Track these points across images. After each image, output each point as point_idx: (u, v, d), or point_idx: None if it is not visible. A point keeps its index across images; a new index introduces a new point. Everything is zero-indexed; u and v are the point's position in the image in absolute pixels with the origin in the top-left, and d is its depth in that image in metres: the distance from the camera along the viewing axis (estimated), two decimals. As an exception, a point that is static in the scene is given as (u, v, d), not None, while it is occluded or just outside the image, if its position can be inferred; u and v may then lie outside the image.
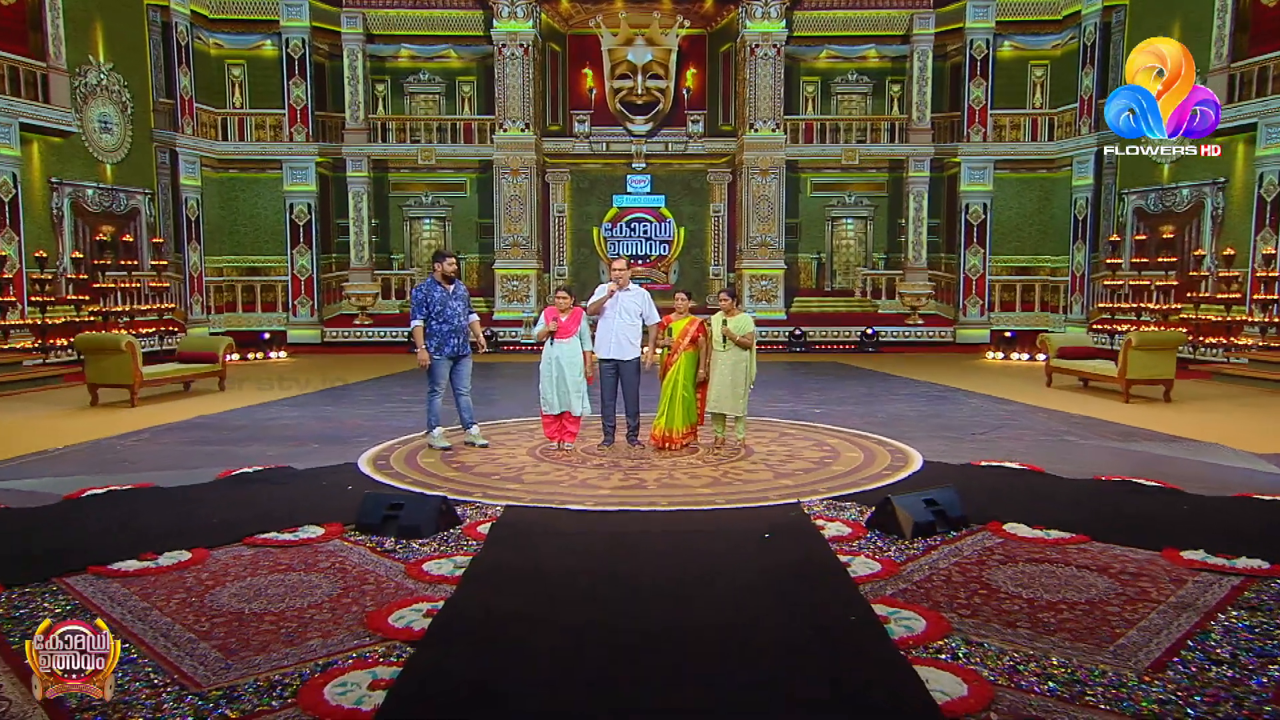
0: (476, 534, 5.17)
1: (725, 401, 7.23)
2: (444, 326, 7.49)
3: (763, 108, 18.28)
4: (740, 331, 7.25)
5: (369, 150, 18.66)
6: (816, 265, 19.38)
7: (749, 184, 18.45)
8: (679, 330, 7.37)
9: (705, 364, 7.21)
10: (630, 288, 7.53)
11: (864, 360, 16.35)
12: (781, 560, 4.58)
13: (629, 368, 7.45)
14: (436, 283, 7.47)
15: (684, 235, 19.41)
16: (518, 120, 18.27)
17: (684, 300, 7.53)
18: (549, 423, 7.41)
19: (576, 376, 7.29)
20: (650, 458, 7.08)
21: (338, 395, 11.39)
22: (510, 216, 18.37)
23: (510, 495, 6.05)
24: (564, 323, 7.39)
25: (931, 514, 5.16)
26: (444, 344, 7.51)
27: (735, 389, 7.17)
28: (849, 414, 9.51)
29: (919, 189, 18.67)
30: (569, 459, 7.06)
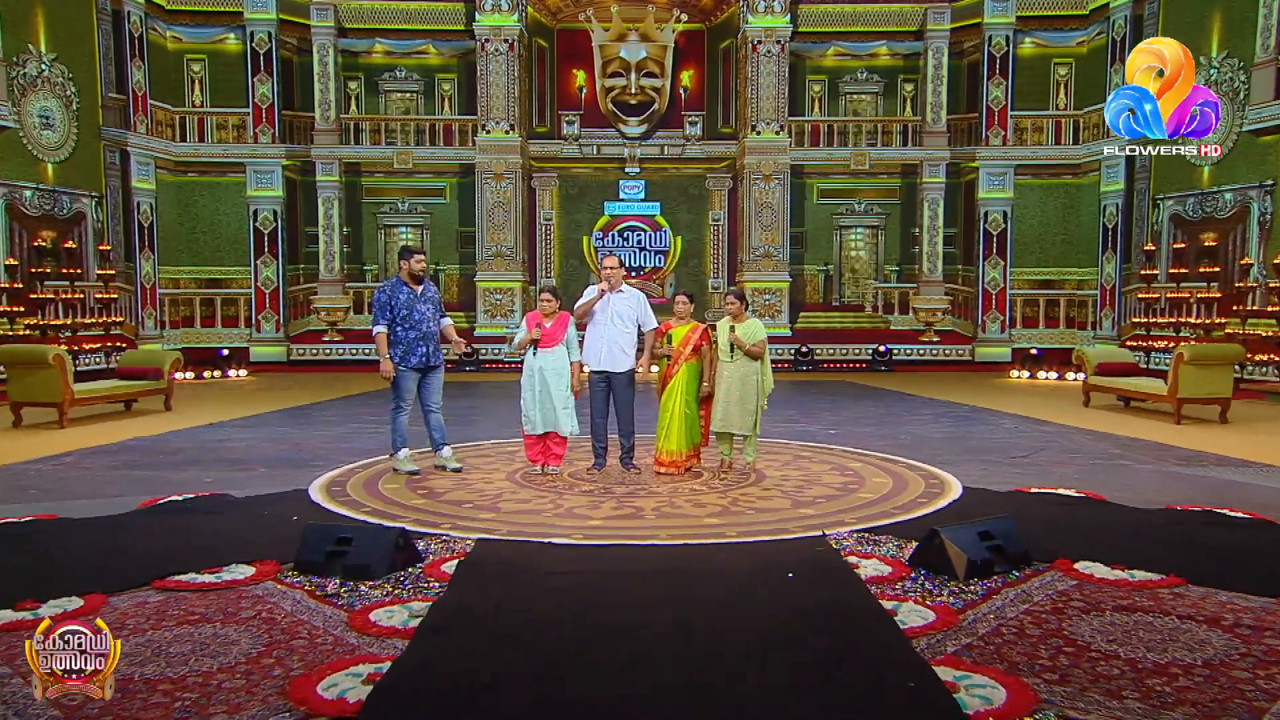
0: (440, 574, 4.52)
1: (733, 419, 6.78)
2: (411, 333, 6.95)
3: (765, 108, 17.94)
4: (750, 339, 6.81)
5: (340, 153, 18.23)
6: (824, 278, 19.09)
7: (751, 190, 18.07)
8: (680, 338, 6.92)
9: (710, 377, 6.81)
10: (624, 289, 7.07)
11: (877, 379, 16.05)
12: (809, 606, 3.93)
13: (622, 381, 7.01)
14: (403, 283, 6.96)
15: (681, 245, 19.12)
16: (501, 121, 17.93)
17: (685, 303, 7.07)
18: (531, 444, 6.97)
19: (563, 391, 6.87)
20: (648, 483, 6.65)
21: (298, 415, 10.99)
22: (493, 225, 18.04)
23: (484, 527, 5.48)
24: (548, 329, 6.94)
25: (988, 549, 4.50)
26: (410, 352, 6.96)
27: (745, 405, 6.76)
28: (868, 435, 9.16)
29: (934, 196, 18.31)
30: (554, 484, 6.62)
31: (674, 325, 7.01)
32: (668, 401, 6.87)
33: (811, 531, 5.36)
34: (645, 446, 7.58)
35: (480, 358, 17.77)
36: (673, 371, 6.86)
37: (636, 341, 7.07)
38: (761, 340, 6.85)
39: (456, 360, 17.22)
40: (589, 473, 6.96)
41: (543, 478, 6.82)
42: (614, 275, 7.01)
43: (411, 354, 6.97)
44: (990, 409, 11.54)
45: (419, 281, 6.99)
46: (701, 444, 6.97)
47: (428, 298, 7.02)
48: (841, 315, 18.86)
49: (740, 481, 6.71)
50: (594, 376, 7.02)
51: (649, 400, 7.99)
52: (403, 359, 6.91)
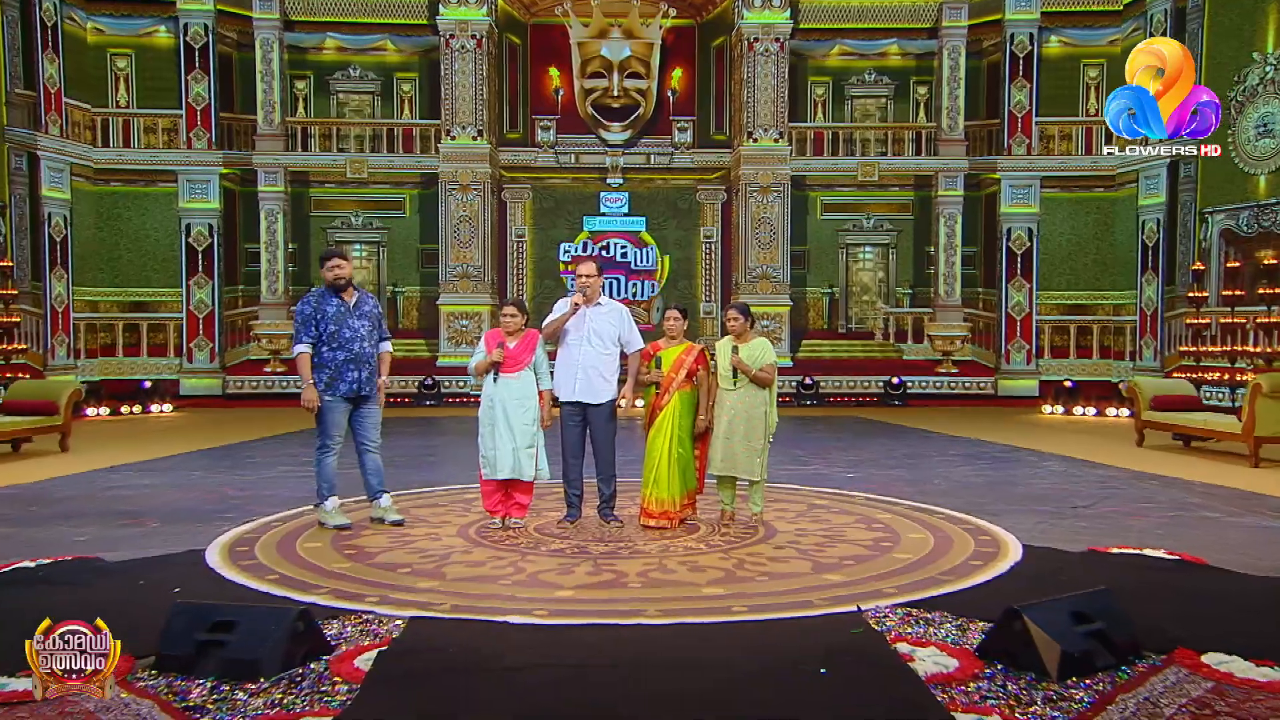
0: (351, 671, 3.60)
1: (737, 460, 6.17)
2: (339, 354, 6.20)
3: (763, 113, 17.84)
4: (757, 362, 6.20)
5: (286, 160, 17.93)
6: (828, 302, 19.01)
7: (747, 204, 17.95)
8: (671, 361, 6.28)
9: (707, 408, 6.24)
10: (603, 302, 6.41)
11: (891, 414, 15.66)
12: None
13: (601, 414, 6.32)
14: (331, 292, 6.20)
15: (669, 265, 19.06)
16: (468, 126, 17.74)
17: (678, 320, 6.42)
18: (490, 491, 6.25)
19: (528, 426, 6.18)
20: (632, 540, 5.91)
21: (220, 457, 10.36)
22: (459, 242, 17.79)
23: (421, 600, 4.65)
24: (511, 350, 6.24)
25: (1085, 636, 3.63)
26: (338, 378, 6.20)
27: (750, 442, 6.16)
28: (893, 479, 8.58)
29: (951, 211, 18.13)
30: (516, 542, 5.87)
31: (664, 346, 6.38)
32: (656, 439, 6.26)
33: (843, 605, 4.53)
34: (629, 494, 7.00)
35: (443, 390, 17.43)
36: (662, 403, 6.26)
37: (618, 366, 6.43)
38: (770, 364, 6.26)
39: (415, 393, 16.93)
40: (560, 526, 6.27)
41: (502, 533, 6.11)
42: (590, 285, 6.33)
43: (340, 380, 6.21)
44: (1028, 449, 11.07)
45: (348, 290, 6.22)
46: (697, 491, 6.35)
47: (363, 312, 6.29)
48: (849, 343, 18.77)
49: (746, 538, 6.00)
50: (566, 409, 6.36)
51: (634, 437, 7.49)
52: (329, 386, 6.18)
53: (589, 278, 6.30)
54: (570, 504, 6.38)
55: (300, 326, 6.16)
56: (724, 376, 6.25)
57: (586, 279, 6.30)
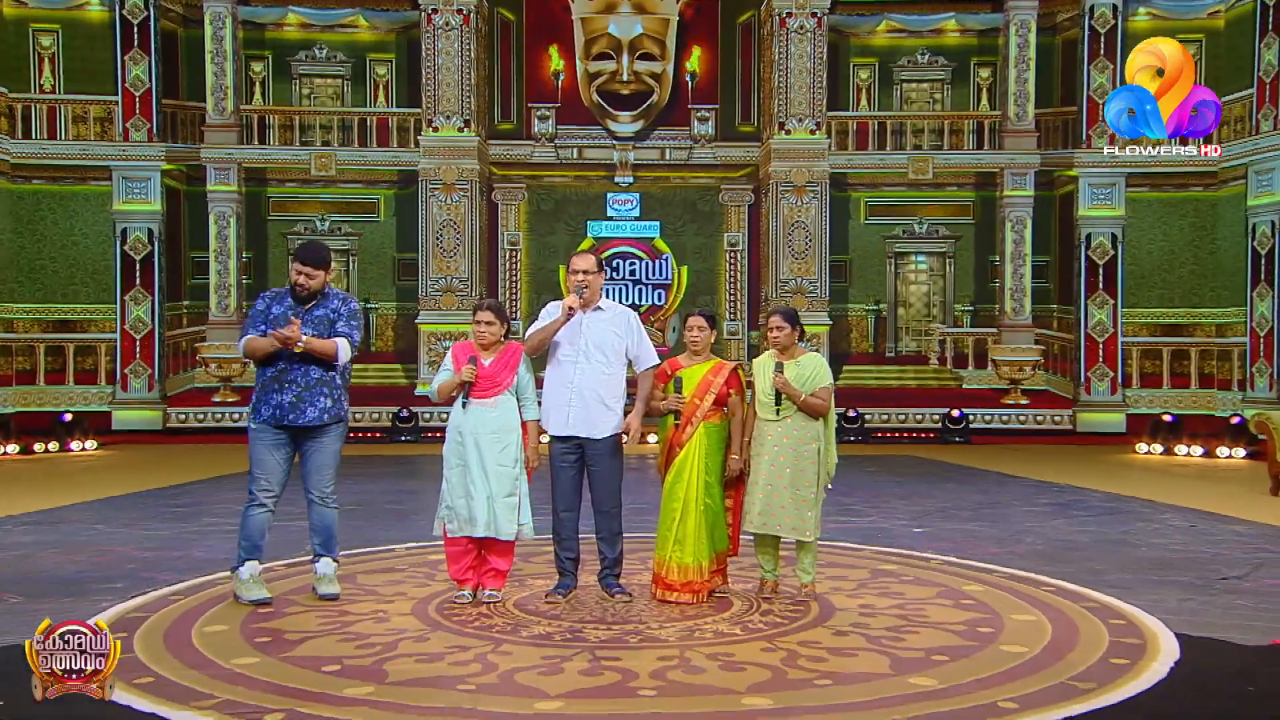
0: None
1: (781, 514, 5.60)
2: (266, 368, 5.57)
3: (798, 101, 17.57)
4: (808, 384, 5.64)
5: (240, 155, 17.60)
6: (874, 320, 18.78)
7: (779, 206, 17.71)
8: (695, 383, 5.69)
9: (742, 445, 5.72)
10: (605, 306, 5.83)
11: (952, 453, 15.16)
12: None
13: (603, 452, 5.70)
14: (286, 292, 5.70)
15: (687, 278, 18.66)
16: (453, 115, 17.49)
17: (703, 330, 5.79)
18: (457, 554, 5.63)
19: (508, 467, 5.58)
20: (645, 620, 5.24)
21: (136, 505, 9.74)
22: (441, 250, 17.57)
23: (348, 717, 3.80)
24: (486, 369, 5.63)
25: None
26: (262, 400, 5.58)
27: (798, 490, 5.58)
28: (973, 536, 7.97)
29: (1019, 214, 17.72)
30: (489, 622, 5.18)
31: (685, 364, 5.78)
32: (676, 485, 5.66)
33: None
34: (640, 555, 6.35)
35: (421, 424, 17.05)
36: (683, 438, 5.67)
37: (625, 390, 5.79)
38: (825, 387, 5.68)
39: (389, 427, 16.67)
40: (549, 601, 5.60)
41: (472, 610, 5.44)
42: (589, 284, 5.67)
43: (263, 403, 5.55)
44: (1135, 497, 10.42)
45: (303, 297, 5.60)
46: (730, 553, 5.79)
47: (314, 318, 5.59)
48: (899, 370, 18.60)
49: (796, 618, 5.25)
50: (558, 446, 5.73)
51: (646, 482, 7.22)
52: (254, 410, 5.58)
53: (586, 274, 5.64)
54: (563, 570, 5.76)
55: (247, 324, 5.69)
56: (764, 403, 5.67)
57: (584, 277, 5.64)
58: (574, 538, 5.72)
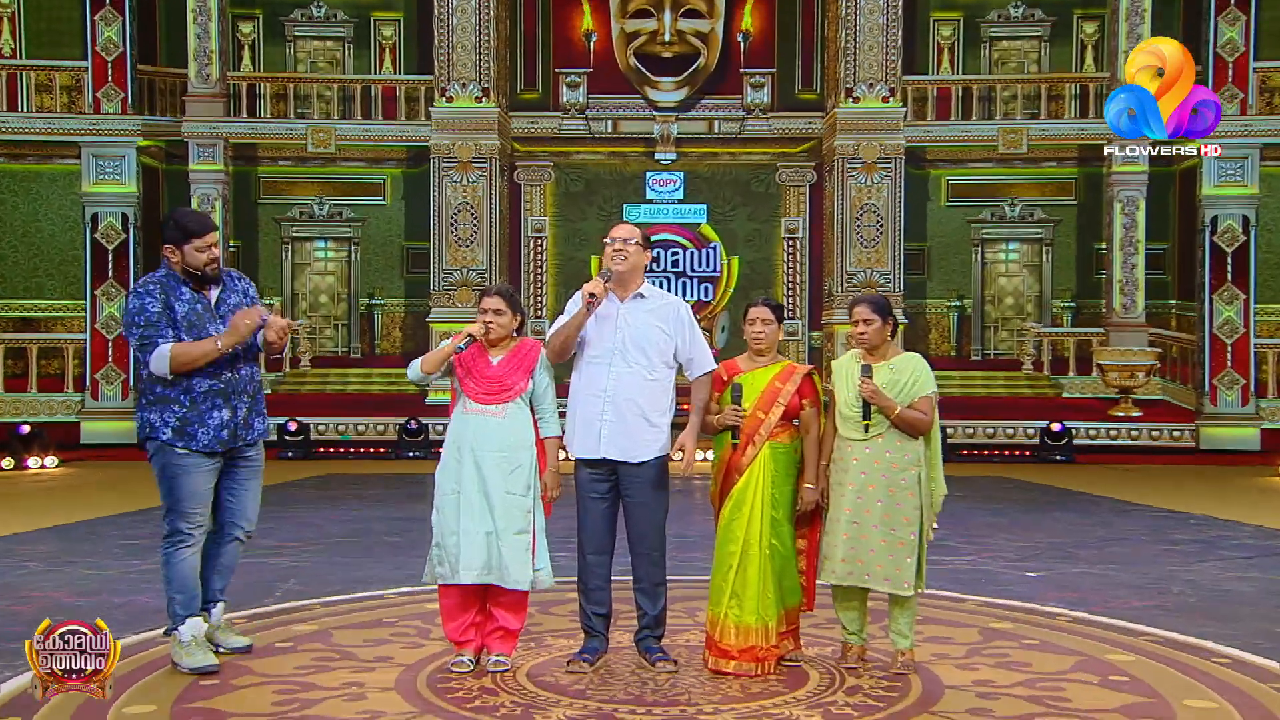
0: None
1: (872, 559, 5.13)
2: (197, 381, 5.15)
3: (868, 63, 17.08)
4: (905, 393, 5.26)
5: (227, 129, 17.27)
6: (956, 319, 18.64)
7: (845, 186, 17.25)
8: (758, 392, 5.32)
9: (819, 470, 5.32)
10: (648, 294, 5.39)
11: (1054, 474, 14.62)
12: None
13: (645, 480, 5.25)
14: (176, 279, 5.24)
15: (738, 269, 18.38)
16: (470, 84, 17.10)
17: (769, 324, 5.42)
18: (453, 607, 5.23)
19: (519, 495, 5.15)
20: (693, 698, 4.77)
21: (89, 535, 9.47)
22: (456, 238, 17.23)
23: None
24: (494, 368, 5.21)
25: None
26: (195, 421, 5.12)
27: (893, 530, 5.13)
28: (1108, 584, 7.48)
29: (1130, 193, 17.08)
30: (494, 700, 4.71)
31: (745, 367, 5.38)
32: (734, 522, 5.22)
33: None
34: (687, 604, 6.05)
35: (431, 437, 16.43)
36: (743, 461, 5.23)
37: (673, 400, 5.33)
38: (927, 396, 5.30)
39: (395, 440, 16.25)
40: (571, 671, 5.13)
41: (473, 682, 4.97)
42: (628, 260, 5.22)
43: (199, 423, 5.09)
44: None
45: (209, 282, 5.27)
46: (803, 609, 5.42)
47: (231, 308, 5.29)
48: (985, 375, 18.38)
49: (891, 698, 4.72)
50: (587, 473, 5.26)
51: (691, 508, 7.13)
52: (181, 435, 5.08)
53: (624, 244, 5.22)
54: (590, 630, 5.31)
55: (148, 330, 5.09)
56: (848, 417, 5.22)
57: (620, 249, 5.21)
58: (605, 588, 5.23)
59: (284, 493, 12.20)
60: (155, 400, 5.07)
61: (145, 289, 5.17)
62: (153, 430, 5.05)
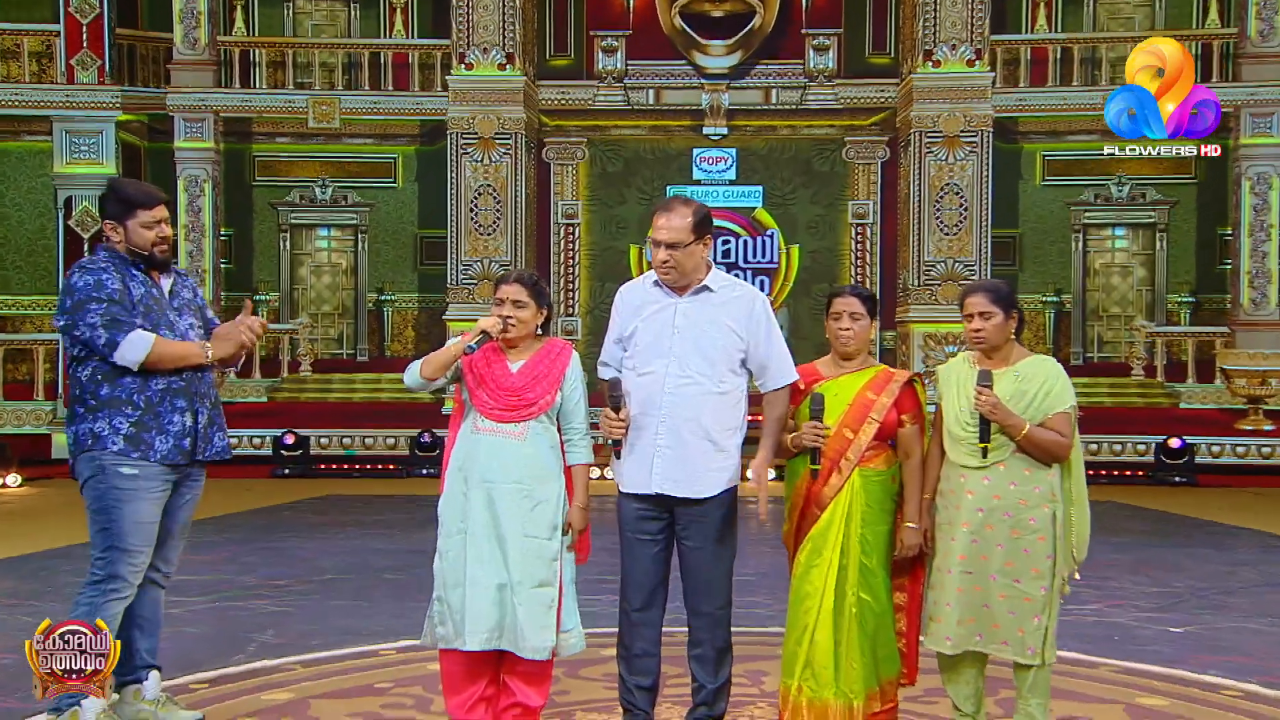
0: None
1: (990, 619, 4.79)
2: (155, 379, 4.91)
3: (951, 21, 17.12)
4: (1038, 407, 4.87)
5: (217, 101, 17.70)
6: (1053, 316, 18.92)
7: (923, 164, 17.27)
8: (844, 404, 4.94)
9: (923, 506, 4.95)
10: (714, 284, 4.99)
11: (1174, 499, 14.17)
12: None
13: (710, 519, 4.86)
14: (125, 261, 4.96)
15: (798, 260, 18.61)
16: (492, 49, 17.17)
17: (858, 316, 5.01)
18: (457, 674, 4.79)
19: (543, 538, 4.76)
20: None
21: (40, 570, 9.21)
22: (477, 225, 17.35)
23: None
24: (514, 376, 4.85)
25: None
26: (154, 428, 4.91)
27: (1018, 583, 4.76)
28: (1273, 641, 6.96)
29: (1262, 170, 17.14)
30: None
31: (827, 373, 5.01)
32: (813, 570, 4.88)
33: None
34: (749, 666, 5.64)
35: None
36: (826, 492, 4.84)
37: (743, 417, 4.94)
38: (1064, 411, 4.88)
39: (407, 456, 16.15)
40: None
41: None
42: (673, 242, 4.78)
43: (159, 430, 4.87)
44: None
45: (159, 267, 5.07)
46: (902, 681, 5.04)
47: (183, 302, 5.11)
48: (1088, 382, 17.87)
49: None
50: (635, 510, 4.88)
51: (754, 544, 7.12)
52: (134, 444, 4.81)
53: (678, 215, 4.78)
54: (630, 707, 4.89)
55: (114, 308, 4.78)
56: (960, 438, 4.81)
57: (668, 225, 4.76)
58: (653, 654, 4.81)
59: (273, 518, 11.97)
60: (100, 405, 4.75)
61: (95, 264, 4.91)
62: (97, 442, 4.73)
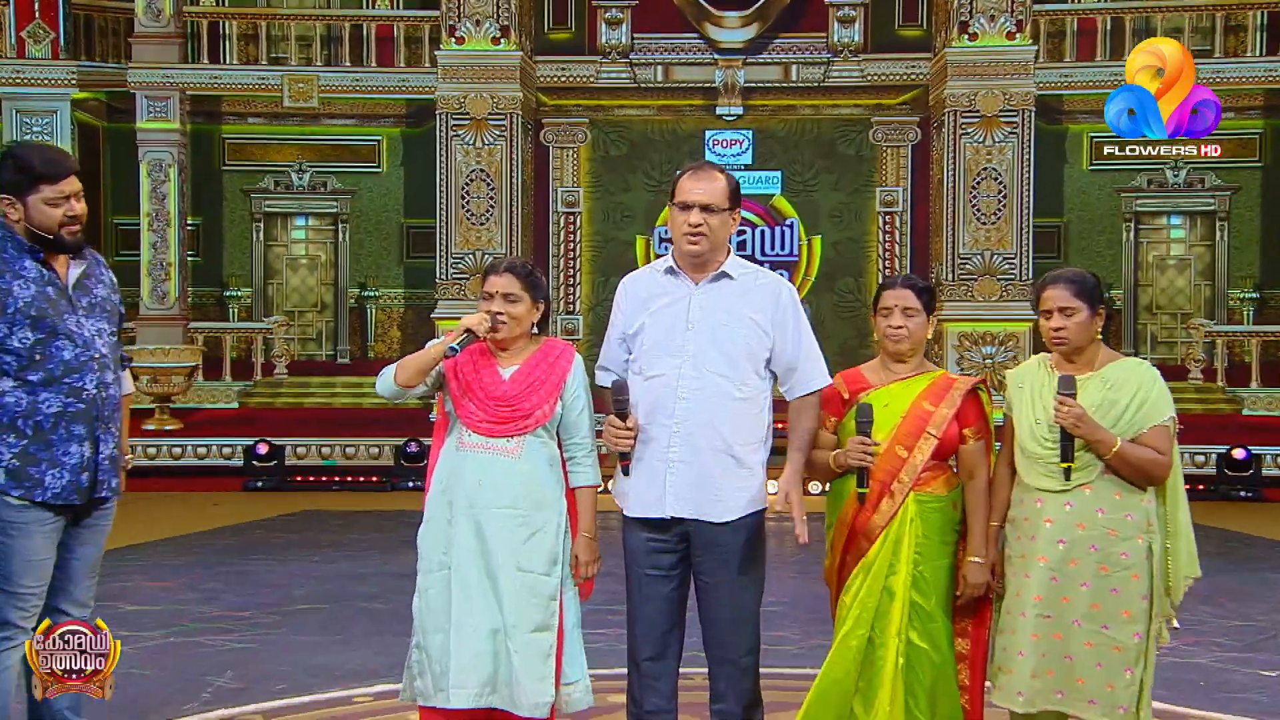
0: None
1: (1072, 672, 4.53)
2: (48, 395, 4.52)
3: None
4: (1131, 419, 4.58)
5: (184, 78, 17.53)
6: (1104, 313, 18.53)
7: (958, 147, 17.02)
8: (897, 417, 4.74)
9: (988, 536, 4.71)
10: (734, 271, 4.69)
11: (1240, 516, 14.08)
12: None
13: (731, 547, 4.57)
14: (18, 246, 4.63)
15: (820, 252, 18.48)
16: (485, 20, 17.01)
17: (912, 312, 4.77)
18: None
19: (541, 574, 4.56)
20: None
21: None
22: (468, 214, 17.24)
23: None
24: (505, 382, 4.61)
25: None
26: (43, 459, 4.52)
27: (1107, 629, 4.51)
28: None
29: None
30: None
31: (874, 380, 4.80)
32: (863, 610, 4.65)
33: None
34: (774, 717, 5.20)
35: None
36: (874, 519, 4.62)
37: (769, 426, 4.60)
38: (1162, 424, 4.60)
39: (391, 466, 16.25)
40: None
41: None
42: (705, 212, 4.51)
43: (53, 461, 4.48)
44: None
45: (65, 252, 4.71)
46: None
47: (96, 302, 4.75)
48: None
49: None
50: (642, 539, 4.58)
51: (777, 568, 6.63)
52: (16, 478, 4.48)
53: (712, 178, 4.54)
54: None
55: None
56: (1035, 456, 4.54)
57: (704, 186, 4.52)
58: (668, 709, 4.50)
59: (242, 537, 11.94)
60: None
61: None
62: None
